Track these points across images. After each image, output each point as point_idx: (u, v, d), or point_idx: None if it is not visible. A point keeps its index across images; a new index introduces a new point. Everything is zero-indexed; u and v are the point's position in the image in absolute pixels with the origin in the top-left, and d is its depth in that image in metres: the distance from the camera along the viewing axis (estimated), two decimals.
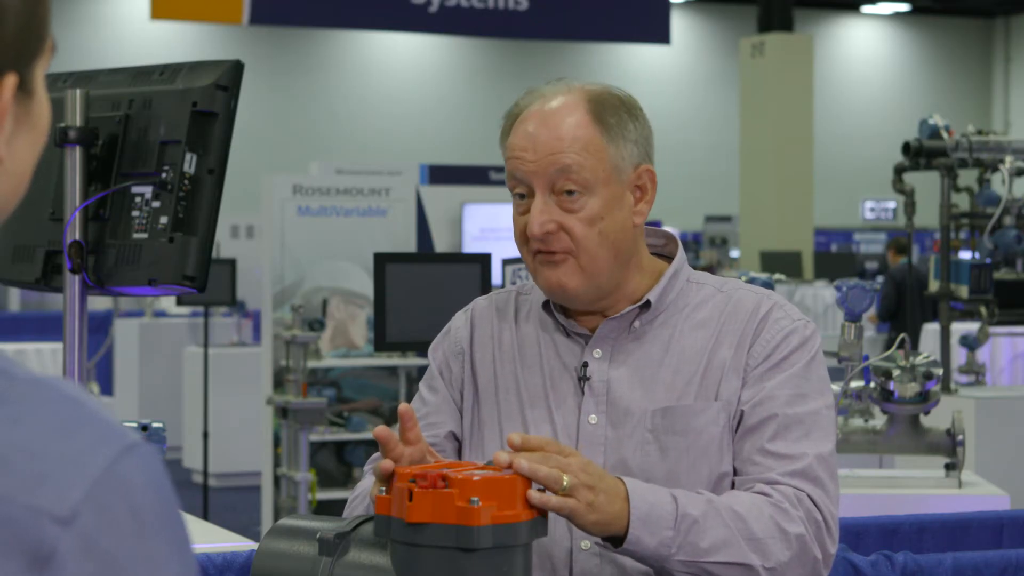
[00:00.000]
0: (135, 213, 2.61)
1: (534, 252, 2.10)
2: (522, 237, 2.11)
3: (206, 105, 2.58)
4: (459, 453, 2.21)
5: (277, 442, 7.45)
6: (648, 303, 2.13)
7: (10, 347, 9.80)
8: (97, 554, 0.94)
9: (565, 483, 1.81)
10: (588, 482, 1.84)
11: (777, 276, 5.06)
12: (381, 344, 4.21)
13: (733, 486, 2.07)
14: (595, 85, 2.14)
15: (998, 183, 6.59)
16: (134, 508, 0.96)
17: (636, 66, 24.23)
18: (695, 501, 1.94)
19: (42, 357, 9.68)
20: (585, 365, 2.12)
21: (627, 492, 1.89)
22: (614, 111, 2.10)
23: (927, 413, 4.49)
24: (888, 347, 5.82)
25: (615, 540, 1.91)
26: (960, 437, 4.43)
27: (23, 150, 1.06)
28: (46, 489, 0.94)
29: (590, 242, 2.07)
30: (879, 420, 4.58)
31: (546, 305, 2.17)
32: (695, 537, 1.91)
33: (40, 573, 0.93)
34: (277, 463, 7.44)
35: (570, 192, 2.06)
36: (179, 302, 10.35)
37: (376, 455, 1.95)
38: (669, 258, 2.21)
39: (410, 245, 7.81)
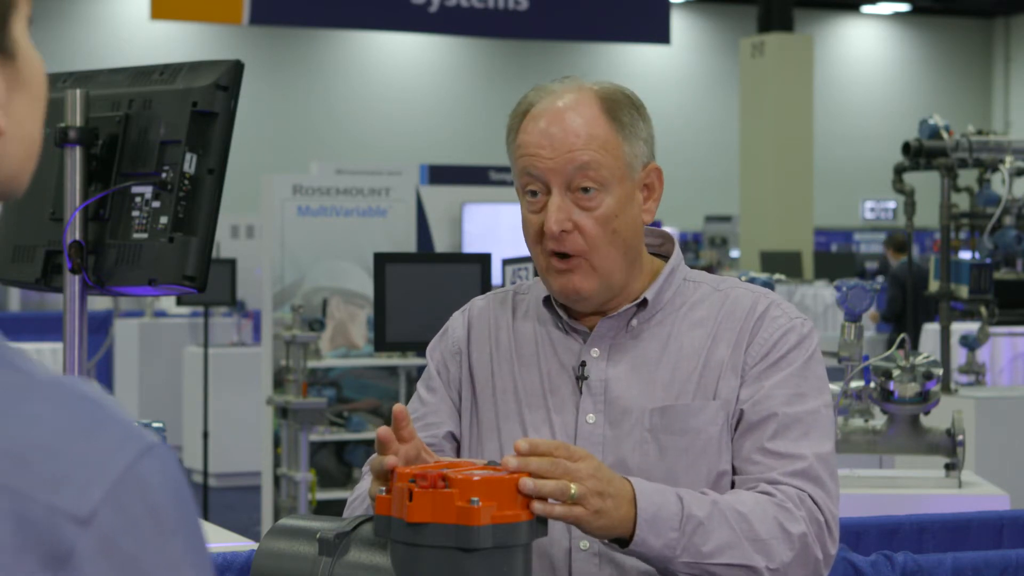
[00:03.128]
0: (135, 213, 2.61)
1: (548, 253, 2.09)
2: (536, 236, 2.10)
3: (206, 105, 2.58)
4: (458, 453, 2.20)
5: (277, 442, 7.45)
6: (645, 301, 2.13)
7: None
8: (115, 554, 0.94)
9: (573, 492, 1.80)
10: (597, 488, 1.83)
11: (777, 276, 5.05)
12: (381, 344, 4.21)
13: (733, 485, 2.07)
14: (604, 83, 2.14)
15: (998, 183, 6.59)
16: (152, 509, 0.97)
17: (636, 66, 24.24)
18: (700, 502, 1.94)
19: (42, 357, 9.67)
20: (583, 364, 2.12)
21: (634, 494, 1.89)
22: (627, 110, 2.11)
23: (927, 413, 4.49)
24: (888, 347, 5.81)
25: (620, 541, 1.91)
26: (960, 437, 4.42)
27: (24, 114, 1.05)
28: (66, 489, 0.94)
29: (603, 241, 2.07)
30: (879, 420, 4.58)
31: (547, 300, 2.18)
32: (700, 539, 1.91)
33: (58, 572, 0.93)
34: (277, 463, 7.44)
35: (586, 190, 2.06)
36: (179, 302, 10.35)
37: (375, 455, 1.95)
38: (666, 257, 2.21)
39: (410, 245, 7.80)
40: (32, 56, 1.06)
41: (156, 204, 2.59)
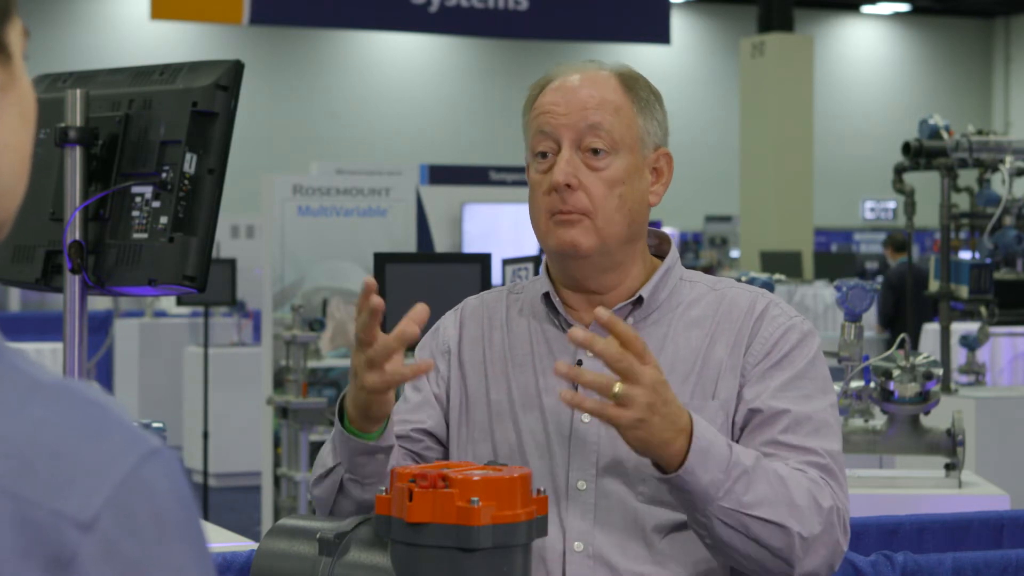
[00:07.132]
0: (135, 213, 2.61)
1: (551, 212, 2.09)
2: (541, 195, 2.10)
3: (206, 105, 2.58)
4: (446, 453, 2.20)
5: (277, 442, 7.45)
6: (641, 299, 2.13)
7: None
8: (117, 559, 0.94)
9: (616, 390, 1.81)
10: (650, 400, 1.83)
11: (777, 276, 5.06)
12: None
13: None
14: (623, 65, 2.19)
15: (998, 183, 6.59)
16: (155, 513, 0.96)
17: (636, 66, 24.07)
18: (747, 453, 1.95)
19: (42, 357, 9.67)
20: (579, 363, 2.11)
21: (691, 426, 1.88)
22: (644, 89, 2.15)
23: (927, 413, 4.49)
24: (888, 347, 5.81)
25: (662, 469, 1.91)
26: (960, 437, 4.42)
27: (15, 124, 1.04)
28: (70, 494, 0.94)
29: (608, 204, 2.08)
30: (879, 420, 4.57)
31: (546, 296, 2.17)
32: (742, 487, 1.91)
33: None
34: (277, 463, 7.44)
35: (596, 151, 2.08)
36: (179, 302, 10.35)
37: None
38: (662, 257, 2.21)
39: (410, 245, 7.80)
40: (25, 78, 1.05)
41: (156, 204, 2.59)
